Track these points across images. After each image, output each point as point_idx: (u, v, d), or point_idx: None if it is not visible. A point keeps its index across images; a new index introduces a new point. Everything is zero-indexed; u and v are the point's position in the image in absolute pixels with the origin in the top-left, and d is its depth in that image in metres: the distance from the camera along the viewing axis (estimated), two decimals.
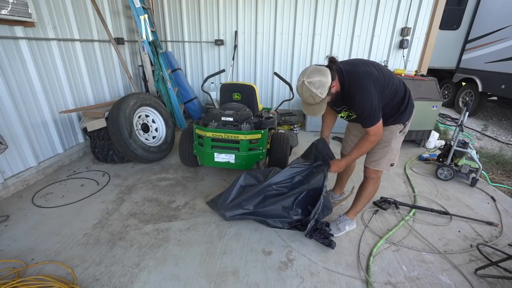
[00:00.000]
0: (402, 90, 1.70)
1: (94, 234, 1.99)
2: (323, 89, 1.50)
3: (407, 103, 1.71)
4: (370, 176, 1.90)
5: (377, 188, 1.96)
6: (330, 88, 1.53)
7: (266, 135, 2.59)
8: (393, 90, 1.65)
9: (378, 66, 1.67)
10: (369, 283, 1.63)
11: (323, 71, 1.51)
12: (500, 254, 1.85)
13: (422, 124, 3.69)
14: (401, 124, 1.71)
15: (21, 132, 2.50)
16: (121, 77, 3.99)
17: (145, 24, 3.77)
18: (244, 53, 4.66)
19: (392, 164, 1.82)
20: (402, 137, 1.80)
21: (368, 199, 1.98)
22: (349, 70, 1.60)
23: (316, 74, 1.50)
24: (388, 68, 1.80)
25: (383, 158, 1.81)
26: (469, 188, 2.84)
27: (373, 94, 1.54)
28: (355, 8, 4.18)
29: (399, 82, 1.70)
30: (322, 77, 1.49)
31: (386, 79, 1.61)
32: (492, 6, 5.58)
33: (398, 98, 1.68)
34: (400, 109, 1.70)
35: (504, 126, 5.57)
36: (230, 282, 1.63)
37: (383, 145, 1.79)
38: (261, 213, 2.07)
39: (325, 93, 1.52)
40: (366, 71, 1.59)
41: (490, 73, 5.52)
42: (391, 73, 1.69)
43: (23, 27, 2.47)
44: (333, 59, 1.56)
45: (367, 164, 1.89)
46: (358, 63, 1.65)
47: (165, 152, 3.28)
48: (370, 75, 1.57)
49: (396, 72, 3.80)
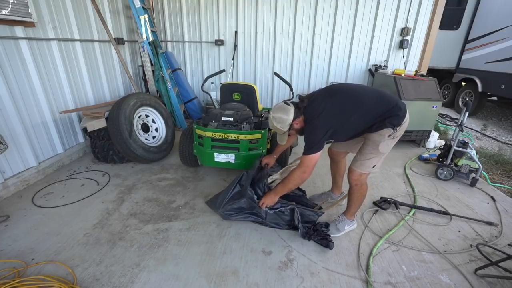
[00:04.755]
0: (385, 103, 1.73)
1: (94, 234, 1.99)
2: (283, 124, 1.77)
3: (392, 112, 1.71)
4: (353, 182, 1.89)
5: (365, 192, 1.95)
6: (292, 124, 1.77)
7: (266, 135, 2.60)
8: (367, 107, 1.72)
9: (344, 95, 1.76)
10: (369, 283, 1.64)
11: (286, 109, 1.77)
12: (500, 254, 1.85)
13: (422, 124, 3.69)
14: (390, 128, 1.71)
15: (21, 132, 2.51)
16: (121, 77, 3.99)
17: (145, 24, 3.78)
18: (244, 53, 4.67)
19: (374, 166, 1.84)
20: (391, 142, 1.78)
21: (359, 203, 1.99)
22: (310, 104, 1.79)
23: (279, 111, 1.78)
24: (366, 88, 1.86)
25: (367, 160, 1.81)
26: (469, 188, 2.84)
27: (318, 129, 1.70)
28: (355, 8, 4.18)
29: (378, 97, 1.75)
30: (283, 115, 1.76)
31: (351, 107, 1.71)
32: (492, 6, 5.59)
33: (379, 111, 1.72)
34: (383, 116, 1.71)
35: (504, 126, 5.57)
36: (230, 282, 1.63)
37: (371, 146, 1.79)
38: (257, 214, 2.08)
39: (286, 128, 1.79)
40: (320, 107, 1.72)
41: (490, 73, 5.52)
42: (363, 95, 1.75)
43: (23, 27, 2.47)
44: (302, 98, 1.81)
45: (351, 164, 1.90)
46: (325, 95, 1.79)
47: (165, 152, 3.28)
48: (322, 111, 1.70)
49: (396, 72, 3.80)
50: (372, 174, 3.01)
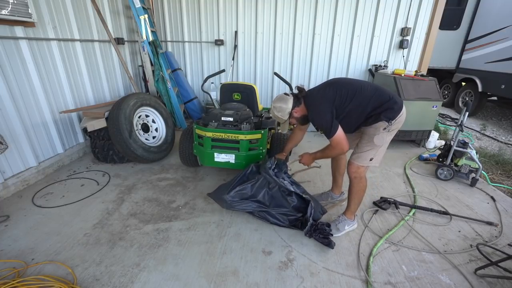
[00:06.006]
0: (382, 96, 1.80)
1: (94, 234, 1.99)
2: (283, 113, 1.91)
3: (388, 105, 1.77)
4: (352, 175, 1.95)
5: (365, 186, 1.98)
6: (291, 113, 1.91)
7: (266, 135, 2.59)
8: (363, 98, 1.80)
9: (341, 85, 1.85)
10: (369, 283, 1.64)
11: (285, 99, 1.91)
12: (500, 254, 1.85)
13: (422, 124, 3.69)
14: (385, 121, 1.77)
15: (21, 132, 2.51)
16: (121, 77, 3.99)
17: (145, 24, 3.77)
18: (244, 53, 4.66)
19: (371, 159, 1.88)
20: (387, 135, 1.82)
21: (359, 198, 2.01)
22: (309, 94, 1.92)
23: (279, 101, 1.93)
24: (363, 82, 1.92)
25: (363, 152, 1.88)
26: (469, 188, 2.84)
27: (322, 112, 1.79)
28: (355, 8, 4.18)
29: (374, 91, 1.81)
30: (283, 104, 1.90)
31: (347, 94, 1.80)
32: (492, 6, 5.59)
33: (375, 103, 1.79)
34: (379, 109, 1.78)
35: (503, 126, 5.57)
36: (230, 282, 1.63)
37: (366, 139, 1.87)
38: (261, 202, 2.13)
39: (285, 116, 1.92)
40: (318, 94, 1.87)
41: (490, 73, 5.52)
42: (360, 87, 1.82)
43: (23, 27, 2.47)
44: (300, 88, 1.93)
45: (350, 158, 1.97)
46: (321, 86, 1.93)
47: (165, 152, 3.28)
48: (321, 97, 1.84)
49: (396, 72, 3.80)
50: (372, 174, 3.01)
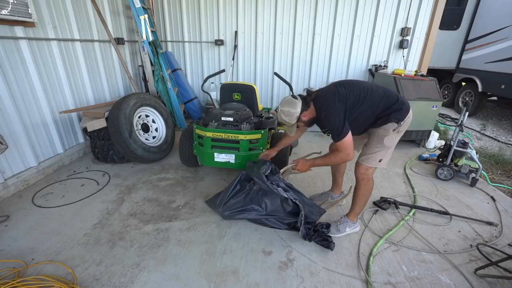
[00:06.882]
0: (391, 97, 1.80)
1: (94, 234, 1.99)
2: (291, 118, 1.83)
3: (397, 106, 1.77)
4: (360, 176, 1.91)
5: (371, 188, 1.96)
6: (300, 117, 1.83)
7: (266, 135, 2.59)
8: (374, 99, 1.78)
9: (352, 85, 1.82)
10: (369, 283, 1.64)
11: (293, 103, 1.82)
12: (500, 254, 1.85)
13: (422, 124, 3.69)
14: (394, 123, 1.76)
15: (21, 132, 2.51)
16: (121, 77, 3.99)
17: (145, 24, 3.77)
18: (244, 53, 4.66)
19: (380, 160, 1.87)
20: (396, 136, 1.83)
21: (365, 200, 1.99)
22: (319, 94, 1.84)
23: (286, 105, 1.84)
24: (371, 83, 1.90)
25: (373, 154, 1.85)
26: (469, 188, 2.84)
27: (336, 111, 1.72)
28: (355, 8, 4.18)
29: (384, 92, 1.81)
30: (291, 109, 1.81)
31: (360, 95, 1.77)
32: (492, 6, 5.59)
33: (385, 104, 1.78)
34: (388, 110, 1.78)
35: (504, 126, 5.57)
36: (230, 282, 1.63)
37: (376, 141, 1.84)
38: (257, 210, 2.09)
39: (293, 120, 1.84)
40: (331, 93, 1.79)
41: (490, 73, 5.52)
42: (370, 88, 1.80)
43: (23, 27, 2.47)
44: (309, 92, 1.86)
45: (358, 159, 1.94)
46: (332, 86, 1.85)
47: (165, 152, 3.28)
48: (334, 95, 1.76)
49: (396, 72, 3.80)
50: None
